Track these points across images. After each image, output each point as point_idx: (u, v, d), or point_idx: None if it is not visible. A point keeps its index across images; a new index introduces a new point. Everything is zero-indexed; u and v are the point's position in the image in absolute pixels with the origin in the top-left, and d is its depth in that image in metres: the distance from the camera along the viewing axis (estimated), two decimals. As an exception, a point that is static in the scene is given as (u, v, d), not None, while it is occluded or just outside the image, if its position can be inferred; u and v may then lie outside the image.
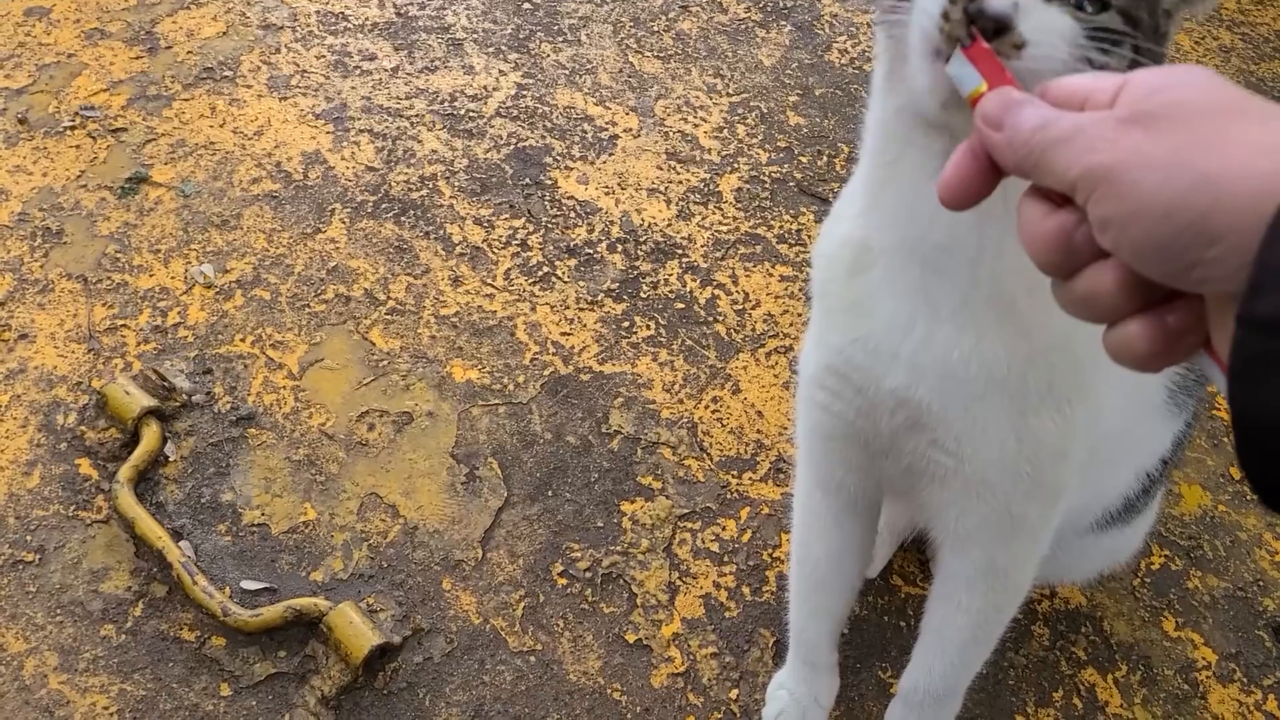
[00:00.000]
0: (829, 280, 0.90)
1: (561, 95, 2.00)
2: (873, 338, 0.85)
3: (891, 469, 0.94)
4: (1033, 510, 0.92)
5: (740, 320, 1.66)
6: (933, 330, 0.81)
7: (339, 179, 1.78)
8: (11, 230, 1.62)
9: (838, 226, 0.89)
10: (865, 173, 0.84)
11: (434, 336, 1.57)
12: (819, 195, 1.88)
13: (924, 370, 0.83)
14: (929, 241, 0.78)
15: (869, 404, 0.88)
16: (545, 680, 1.25)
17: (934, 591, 1.05)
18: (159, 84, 1.89)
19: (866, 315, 0.85)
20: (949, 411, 0.84)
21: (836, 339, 0.89)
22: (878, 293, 0.84)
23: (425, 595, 1.30)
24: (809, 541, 1.11)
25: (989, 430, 0.85)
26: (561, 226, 1.76)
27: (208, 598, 1.23)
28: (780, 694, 1.19)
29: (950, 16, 0.63)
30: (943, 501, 0.92)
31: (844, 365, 0.88)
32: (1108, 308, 0.45)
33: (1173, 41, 0.73)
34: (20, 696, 1.18)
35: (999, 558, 0.96)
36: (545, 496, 1.41)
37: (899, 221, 0.80)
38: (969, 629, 1.02)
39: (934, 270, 0.79)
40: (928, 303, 0.81)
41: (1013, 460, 0.87)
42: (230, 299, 1.58)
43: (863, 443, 0.93)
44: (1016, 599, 1.03)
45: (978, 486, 0.89)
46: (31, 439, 1.39)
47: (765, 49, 2.18)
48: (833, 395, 0.91)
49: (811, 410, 0.97)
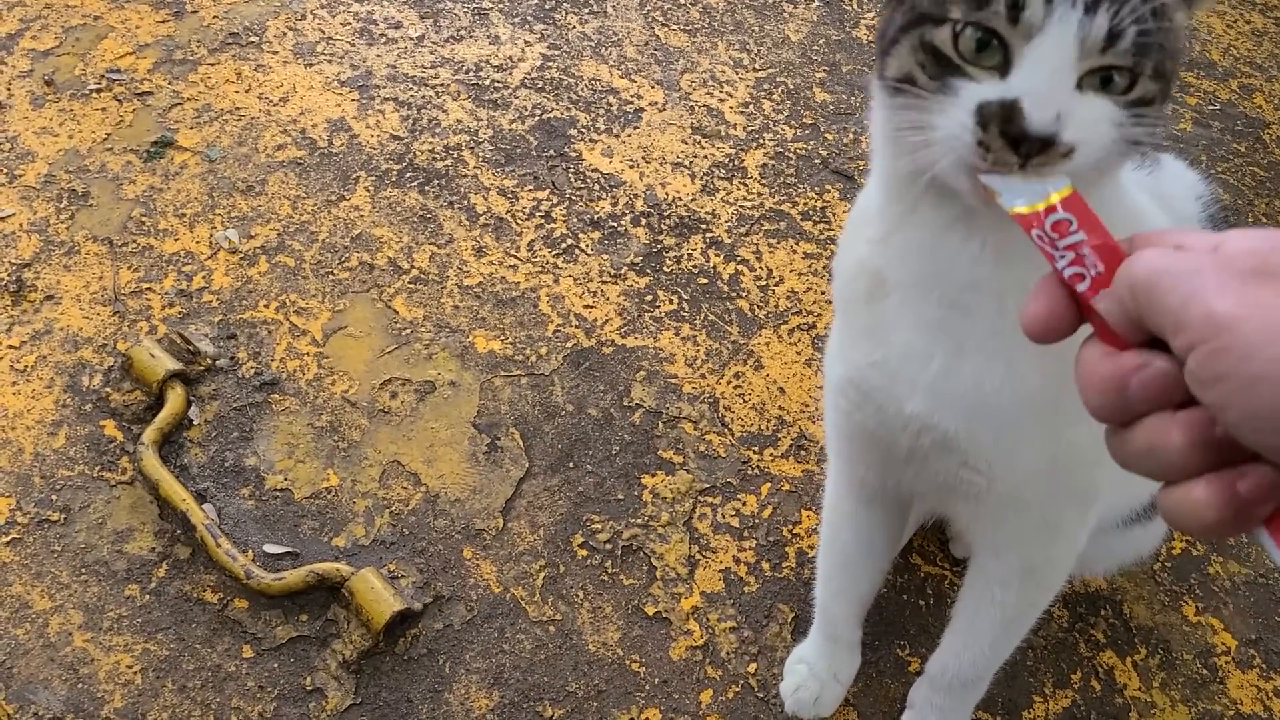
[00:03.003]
0: (849, 301, 0.88)
1: (587, 67, 1.99)
2: (890, 363, 0.83)
3: (920, 483, 0.93)
4: (1068, 516, 0.92)
5: (763, 296, 1.65)
6: (955, 363, 0.79)
7: (363, 147, 1.78)
8: (38, 192, 1.63)
9: (853, 249, 0.86)
10: (878, 204, 0.80)
11: (457, 306, 1.57)
12: (844, 172, 1.87)
13: (948, 400, 0.81)
14: (951, 281, 0.75)
15: (888, 421, 0.87)
16: (564, 650, 1.26)
17: (967, 582, 1.04)
18: (185, 48, 1.89)
19: (883, 342, 0.83)
20: (979, 437, 0.82)
21: (857, 357, 0.87)
22: (893, 322, 0.81)
23: (446, 563, 1.31)
24: (838, 524, 1.10)
25: (1022, 451, 0.83)
26: (585, 199, 1.75)
27: (231, 560, 1.24)
28: (799, 668, 1.20)
29: (991, 146, 0.59)
30: (976, 514, 0.91)
31: (864, 384, 0.87)
32: (1172, 465, 0.41)
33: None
34: (45, 653, 1.19)
35: (1035, 559, 0.96)
36: (566, 468, 1.41)
37: (917, 261, 0.77)
38: (1001, 622, 1.02)
39: (956, 307, 0.77)
40: (948, 337, 0.78)
41: (1047, 474, 0.86)
42: (254, 265, 1.58)
43: (885, 449, 0.91)
44: (1050, 594, 1.03)
45: (1012, 501, 0.88)
46: (57, 399, 1.40)
47: (792, 24, 2.16)
48: (855, 406, 0.90)
49: (835, 413, 0.96)
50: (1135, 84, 0.62)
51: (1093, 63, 0.61)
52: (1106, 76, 0.62)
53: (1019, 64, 0.61)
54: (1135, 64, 0.61)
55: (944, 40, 0.63)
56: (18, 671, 1.17)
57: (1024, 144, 0.58)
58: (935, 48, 0.64)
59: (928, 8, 0.64)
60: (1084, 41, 0.60)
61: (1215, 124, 2.10)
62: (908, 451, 0.87)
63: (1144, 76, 0.62)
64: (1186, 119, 2.10)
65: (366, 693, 1.20)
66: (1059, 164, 0.60)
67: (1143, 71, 0.62)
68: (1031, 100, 0.59)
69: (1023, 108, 0.59)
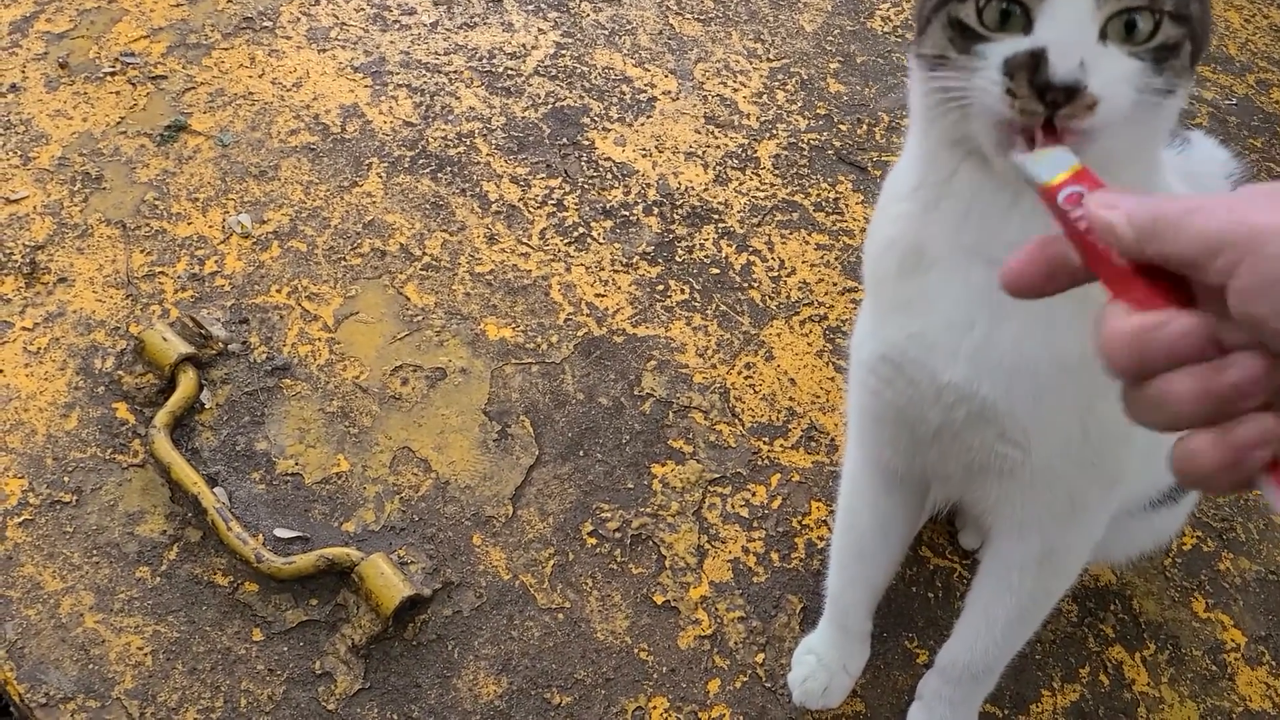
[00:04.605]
0: (880, 280, 0.89)
1: (600, 55, 1.99)
2: (929, 334, 0.84)
3: (947, 464, 0.93)
4: (1094, 495, 0.92)
5: (775, 287, 1.65)
6: (996, 329, 0.80)
7: (376, 133, 1.77)
8: (52, 174, 1.63)
9: (884, 228, 0.87)
10: (915, 178, 0.82)
11: (468, 293, 1.57)
12: (858, 164, 1.86)
13: (989, 367, 0.81)
14: (994, 246, 0.77)
15: (920, 395, 0.87)
16: (573, 638, 1.26)
17: (983, 570, 1.04)
18: (199, 32, 1.89)
19: (921, 314, 0.84)
20: (1017, 405, 0.83)
21: (891, 333, 0.88)
22: (933, 294, 0.82)
23: (456, 549, 1.31)
24: (856, 510, 1.10)
25: (1057, 420, 0.84)
26: (598, 187, 1.75)
27: (241, 544, 1.24)
28: (808, 659, 1.19)
29: (1017, 94, 0.62)
30: (1004, 492, 0.91)
31: (899, 357, 0.87)
32: (1179, 415, 0.44)
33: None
34: (57, 634, 1.20)
35: (1057, 543, 0.96)
36: (576, 456, 1.42)
37: (961, 230, 0.78)
38: (1017, 610, 1.02)
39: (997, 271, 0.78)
40: (990, 303, 0.79)
41: (1079, 447, 0.86)
42: (267, 250, 1.58)
43: (910, 429, 0.92)
44: (1068, 582, 1.02)
45: (1044, 475, 0.88)
46: (70, 382, 1.40)
47: (807, 14, 2.15)
48: (885, 383, 0.91)
49: (862, 393, 0.96)
50: (1159, 28, 0.64)
51: (1111, 8, 0.63)
52: (1130, 22, 0.64)
53: (1040, 20, 0.64)
54: (1154, 3, 0.63)
55: (969, 14, 0.67)
56: (29, 652, 1.18)
57: (1049, 92, 0.61)
58: (962, 22, 0.67)
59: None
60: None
61: (1232, 119, 2.09)
62: (938, 428, 0.88)
63: (1166, 19, 0.64)
64: (1203, 114, 2.09)
65: (375, 677, 1.20)
66: (1085, 117, 0.61)
67: (1163, 8, 0.64)
68: (1056, 49, 0.62)
69: (1048, 56, 0.61)
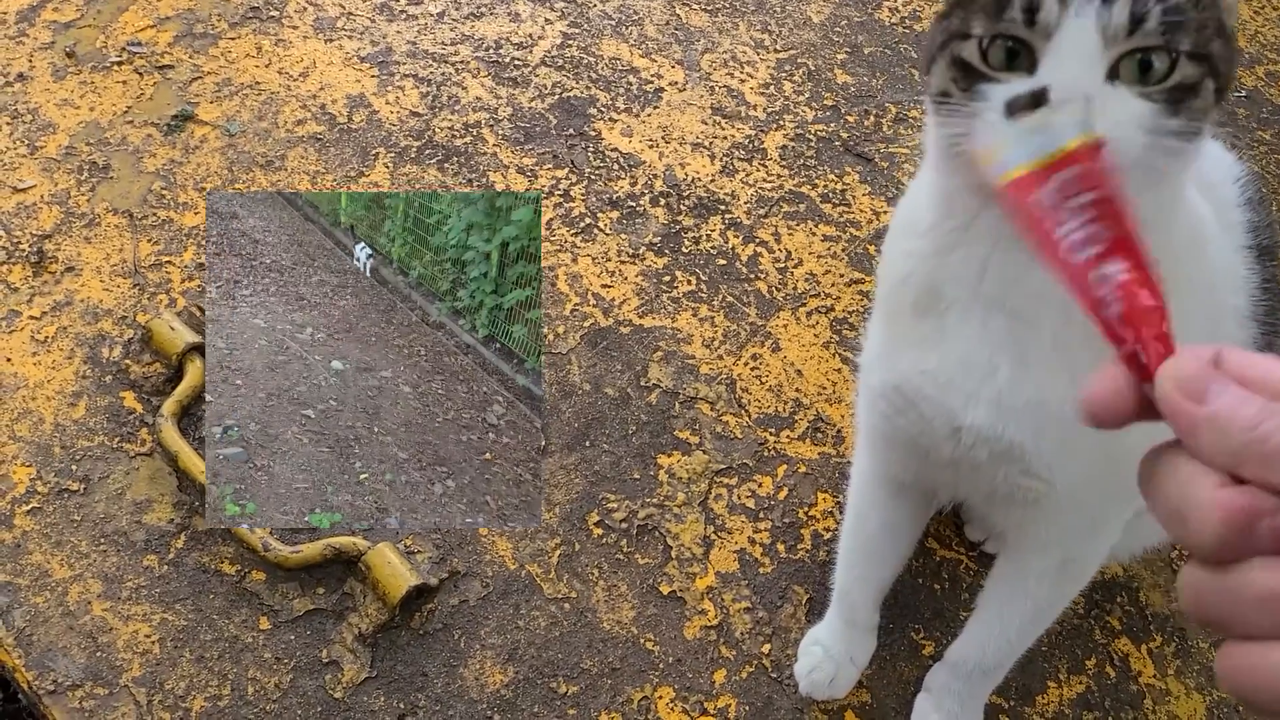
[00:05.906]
0: (894, 312, 0.87)
1: (607, 46, 1.98)
2: (944, 373, 0.82)
3: (961, 488, 0.92)
4: (1114, 512, 0.92)
5: (782, 278, 1.65)
6: (1020, 374, 0.78)
7: (383, 123, 1.77)
8: (59, 163, 1.63)
9: (898, 262, 0.84)
10: (931, 217, 0.79)
11: (475, 284, 1.57)
12: (865, 155, 1.85)
13: (1014, 411, 0.80)
14: (1015, 294, 0.75)
15: (934, 430, 0.86)
16: (579, 627, 1.26)
17: (999, 574, 1.04)
18: (205, 22, 1.89)
19: (934, 352, 0.82)
20: (1042, 445, 0.81)
21: (905, 367, 0.86)
22: (950, 335, 0.81)
23: (462, 539, 1.31)
24: (864, 512, 1.10)
25: (1082, 454, 0.83)
26: (604, 178, 1.75)
27: (248, 532, 1.25)
28: (814, 650, 1.19)
29: None
30: (1026, 516, 0.91)
31: (912, 393, 0.86)
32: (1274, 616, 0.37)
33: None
34: (64, 622, 1.20)
35: (1076, 554, 0.97)
36: (583, 447, 1.42)
37: (978, 277, 0.77)
38: (1031, 612, 1.02)
39: (1019, 319, 0.77)
40: (1012, 348, 0.78)
41: (1102, 473, 0.85)
42: (274, 239, 1.58)
43: (923, 454, 0.91)
44: (1081, 586, 1.03)
45: (1068, 501, 0.87)
46: (77, 370, 1.40)
47: (814, 5, 2.14)
48: (897, 411, 0.89)
49: (872, 414, 0.95)
50: (1175, 68, 0.61)
51: (1121, 48, 0.61)
52: (1145, 61, 0.61)
53: (1045, 60, 0.62)
54: (1168, 41, 0.61)
55: (971, 54, 0.65)
56: (37, 639, 1.18)
57: None
58: (964, 61, 0.66)
59: (956, 27, 0.66)
60: (1105, 29, 0.60)
61: (1241, 111, 2.08)
62: (952, 459, 0.86)
63: (1183, 58, 0.61)
64: (1211, 106, 2.08)
65: (382, 666, 1.21)
66: None
67: (1179, 48, 0.61)
68: (1059, 91, 0.59)
69: (1049, 98, 0.59)
